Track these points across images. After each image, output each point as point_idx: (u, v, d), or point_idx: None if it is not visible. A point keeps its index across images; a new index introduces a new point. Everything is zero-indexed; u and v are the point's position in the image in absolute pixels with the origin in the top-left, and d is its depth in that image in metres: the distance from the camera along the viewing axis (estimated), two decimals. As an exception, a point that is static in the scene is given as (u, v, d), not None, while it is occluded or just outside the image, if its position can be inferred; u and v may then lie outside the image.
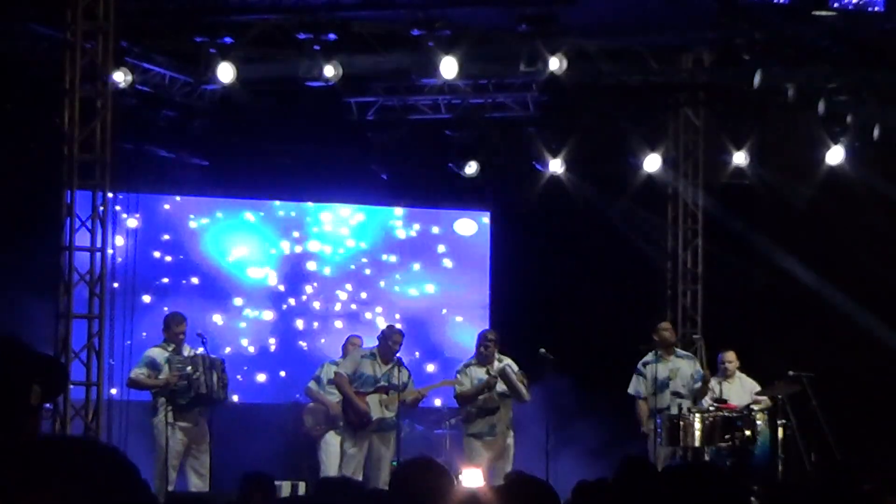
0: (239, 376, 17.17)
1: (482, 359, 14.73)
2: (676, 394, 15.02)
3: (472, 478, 14.03)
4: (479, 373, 14.72)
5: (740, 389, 15.31)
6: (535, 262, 18.39)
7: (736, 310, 17.44)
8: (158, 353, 14.30)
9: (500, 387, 14.69)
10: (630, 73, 16.80)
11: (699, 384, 15.12)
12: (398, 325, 15.62)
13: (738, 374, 15.55)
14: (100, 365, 13.61)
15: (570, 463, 15.72)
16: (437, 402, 17.11)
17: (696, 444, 14.44)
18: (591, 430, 18.09)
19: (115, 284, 14.86)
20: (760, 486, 13.50)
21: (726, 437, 14.44)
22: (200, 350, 14.42)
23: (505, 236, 18.90)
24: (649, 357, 15.17)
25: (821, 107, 16.50)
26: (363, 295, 18.70)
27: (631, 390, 15.21)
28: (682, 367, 15.21)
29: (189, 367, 14.09)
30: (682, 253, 18.48)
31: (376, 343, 14.97)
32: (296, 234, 18.50)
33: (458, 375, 14.95)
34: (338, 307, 18.59)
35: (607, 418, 16.80)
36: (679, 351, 15.53)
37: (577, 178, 18.09)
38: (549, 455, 14.75)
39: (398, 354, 14.76)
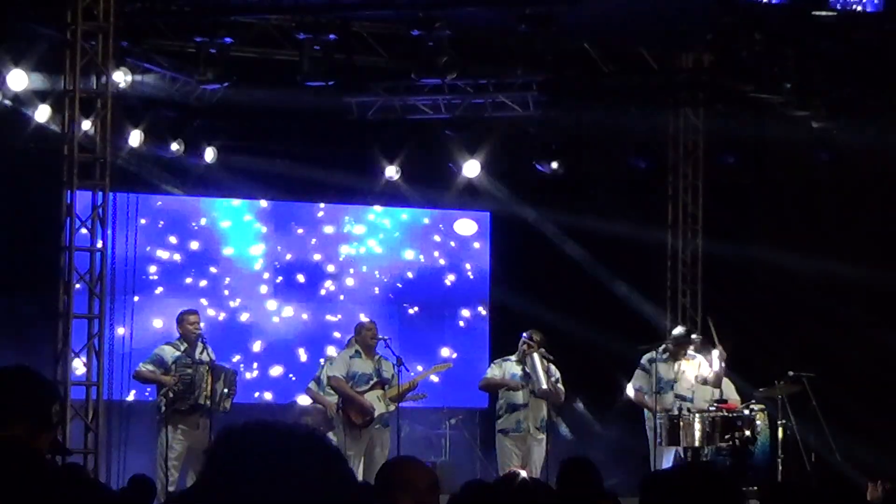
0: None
1: (522, 356, 14.85)
2: (680, 396, 15.05)
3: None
4: (515, 369, 14.92)
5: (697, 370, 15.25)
6: (534, 263, 18.37)
7: (736, 310, 17.42)
8: (169, 352, 14.30)
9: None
10: (630, 73, 16.80)
11: (702, 386, 15.20)
12: (365, 318, 15.67)
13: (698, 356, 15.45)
14: (100, 365, 13.59)
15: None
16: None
17: (696, 444, 14.45)
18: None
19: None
20: (760, 486, 13.51)
21: (726, 437, 14.45)
22: (205, 356, 14.36)
23: (505, 236, 18.88)
24: (657, 355, 15.16)
25: (818, 108, 16.50)
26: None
27: (634, 384, 15.24)
28: (687, 371, 15.25)
29: (195, 374, 14.09)
30: (682, 253, 18.46)
31: (352, 342, 15.01)
32: (300, 231, 18.53)
33: (493, 365, 15.23)
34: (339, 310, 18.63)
35: (607, 417, 16.78)
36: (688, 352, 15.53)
37: (577, 178, 18.08)
38: (549, 455, 14.77)
39: (378, 348, 14.88)
